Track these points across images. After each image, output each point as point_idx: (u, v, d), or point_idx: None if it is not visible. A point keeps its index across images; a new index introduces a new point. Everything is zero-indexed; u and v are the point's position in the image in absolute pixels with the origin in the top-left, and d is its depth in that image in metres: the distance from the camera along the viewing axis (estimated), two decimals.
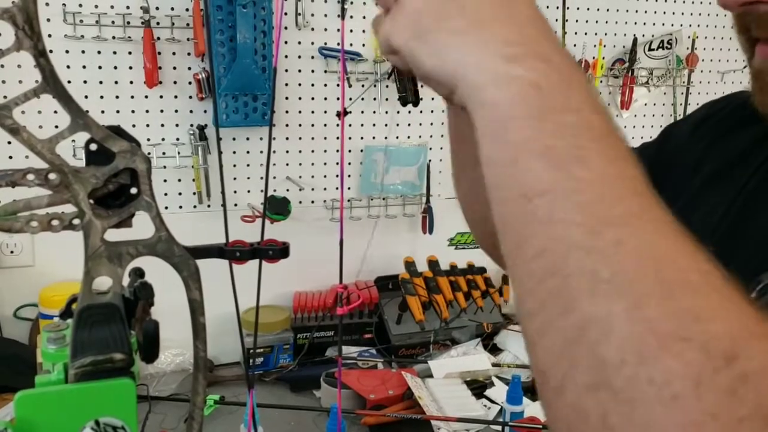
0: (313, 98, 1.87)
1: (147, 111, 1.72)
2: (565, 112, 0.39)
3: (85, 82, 1.64)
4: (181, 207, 1.78)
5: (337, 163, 1.89)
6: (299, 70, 1.85)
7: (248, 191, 1.85)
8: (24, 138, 0.50)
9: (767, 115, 0.57)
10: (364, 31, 1.88)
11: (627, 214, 0.36)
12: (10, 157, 1.58)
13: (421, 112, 1.99)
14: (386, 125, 1.98)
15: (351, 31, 1.87)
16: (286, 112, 1.85)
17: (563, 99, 0.39)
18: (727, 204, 0.61)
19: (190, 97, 1.74)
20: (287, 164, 1.88)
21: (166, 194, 1.76)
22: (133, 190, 0.54)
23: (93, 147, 0.52)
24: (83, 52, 1.63)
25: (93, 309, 0.52)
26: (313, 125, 1.88)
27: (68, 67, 1.62)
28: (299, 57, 1.84)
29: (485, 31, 0.42)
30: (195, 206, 1.79)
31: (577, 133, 0.38)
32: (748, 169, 0.62)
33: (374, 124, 1.96)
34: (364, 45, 1.89)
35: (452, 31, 0.43)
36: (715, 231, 0.61)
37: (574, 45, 2.14)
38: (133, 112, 1.70)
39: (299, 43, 1.83)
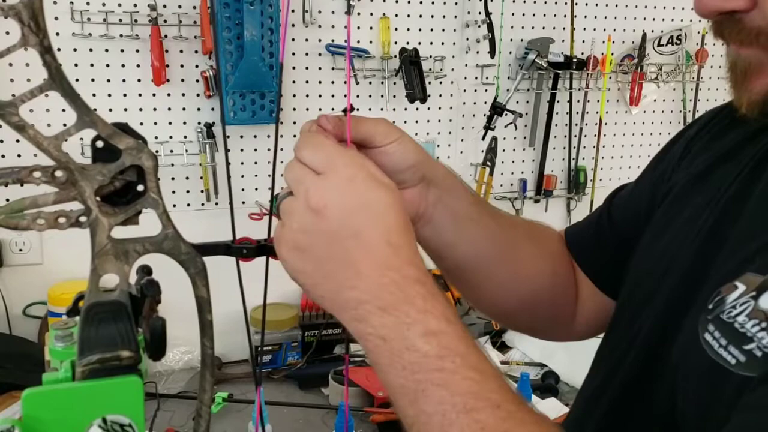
0: (320, 95, 1.86)
1: (155, 109, 1.72)
2: (405, 352, 0.50)
3: (92, 80, 1.65)
4: (189, 205, 1.79)
5: None
6: (306, 68, 1.84)
7: (256, 189, 1.85)
8: (30, 135, 0.50)
9: (740, 108, 0.58)
10: (371, 28, 1.88)
11: None
12: (19, 156, 1.58)
13: (428, 108, 1.99)
14: (394, 122, 1.97)
15: (358, 28, 1.87)
16: (294, 109, 1.85)
17: (402, 341, 0.50)
18: (708, 210, 0.62)
19: (198, 94, 1.74)
20: None
21: (174, 192, 1.76)
22: (140, 188, 0.53)
23: (99, 144, 0.52)
24: (91, 50, 1.64)
25: (100, 306, 0.51)
26: None
27: (76, 65, 1.62)
28: (306, 54, 1.84)
29: (342, 296, 0.53)
30: (203, 204, 1.79)
31: (416, 368, 0.50)
32: (731, 171, 0.62)
33: None
34: (371, 42, 1.89)
35: (321, 298, 0.55)
36: (695, 240, 0.61)
37: (583, 41, 2.13)
38: (140, 110, 1.70)
39: (306, 40, 1.83)
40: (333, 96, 1.87)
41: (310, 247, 0.54)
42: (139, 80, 1.69)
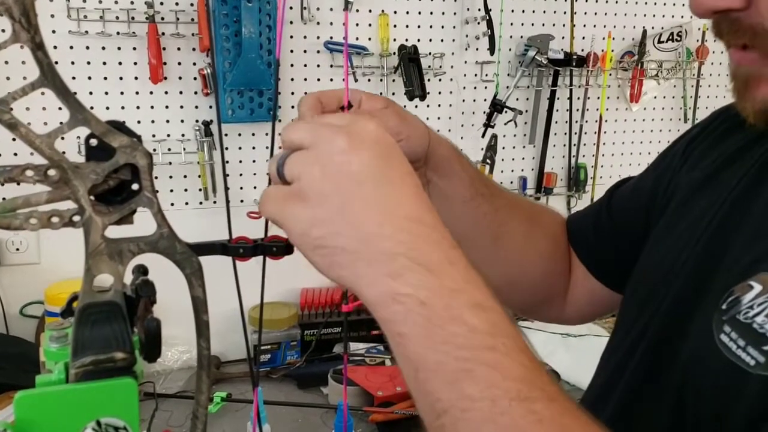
0: None
1: (152, 107, 1.71)
2: (448, 322, 0.43)
3: (89, 78, 1.64)
4: (187, 203, 1.77)
5: None
6: (305, 65, 1.83)
7: (254, 187, 1.84)
8: (22, 133, 0.49)
9: (747, 117, 0.58)
10: (370, 25, 1.87)
11: (512, 426, 0.41)
12: (15, 154, 1.57)
13: (428, 106, 1.98)
14: None
15: (357, 24, 1.86)
16: (292, 107, 1.84)
17: (446, 309, 0.43)
18: (714, 211, 0.61)
19: (195, 92, 1.73)
20: None
21: (171, 191, 1.75)
22: (134, 186, 0.52)
23: (93, 142, 0.51)
24: (87, 48, 1.62)
25: (94, 307, 0.51)
26: None
27: (72, 63, 1.61)
28: (305, 51, 1.83)
29: (371, 247, 0.44)
30: (201, 202, 1.78)
31: (462, 343, 0.42)
32: (736, 173, 0.62)
33: None
34: (370, 39, 1.87)
35: (341, 251, 0.45)
36: (700, 239, 0.61)
37: (583, 38, 2.12)
38: (138, 108, 1.69)
39: (305, 37, 1.82)
40: None
41: (334, 190, 0.46)
42: (136, 78, 1.68)
